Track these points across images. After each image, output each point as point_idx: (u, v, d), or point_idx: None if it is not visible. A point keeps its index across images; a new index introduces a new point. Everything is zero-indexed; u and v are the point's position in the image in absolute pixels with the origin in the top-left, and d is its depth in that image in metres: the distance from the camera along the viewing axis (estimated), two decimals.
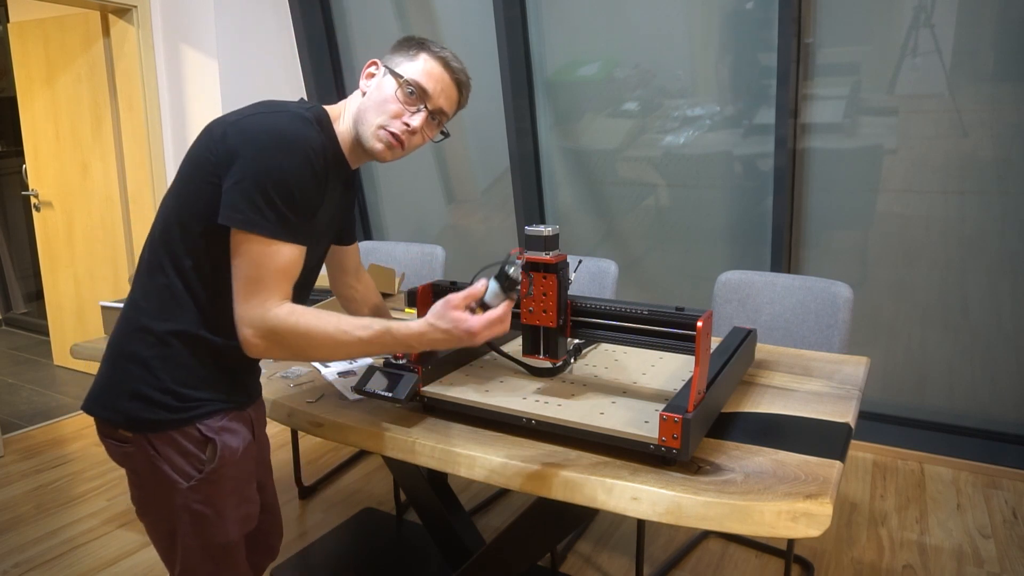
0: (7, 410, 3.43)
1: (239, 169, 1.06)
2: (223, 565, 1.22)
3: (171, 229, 1.13)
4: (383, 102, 1.20)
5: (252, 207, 1.06)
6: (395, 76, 1.20)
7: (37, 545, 2.29)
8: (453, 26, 3.44)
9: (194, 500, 1.16)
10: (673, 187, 3.08)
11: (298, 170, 1.08)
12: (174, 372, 1.13)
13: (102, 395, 1.16)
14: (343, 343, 1.10)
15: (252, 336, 1.09)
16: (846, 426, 1.28)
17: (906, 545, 2.22)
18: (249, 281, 1.08)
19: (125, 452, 1.16)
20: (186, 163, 1.14)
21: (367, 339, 1.10)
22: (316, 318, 1.09)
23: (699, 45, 2.90)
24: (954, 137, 2.55)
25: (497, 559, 1.60)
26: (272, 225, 1.07)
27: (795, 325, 2.05)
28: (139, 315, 1.15)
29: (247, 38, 3.43)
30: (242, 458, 1.20)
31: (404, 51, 1.22)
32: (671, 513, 1.06)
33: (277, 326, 1.08)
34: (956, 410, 2.80)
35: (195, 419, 1.14)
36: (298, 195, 1.09)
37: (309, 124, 1.12)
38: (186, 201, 1.12)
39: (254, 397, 1.29)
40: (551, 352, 1.35)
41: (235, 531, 1.21)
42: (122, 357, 1.15)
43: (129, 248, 3.57)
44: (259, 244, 1.07)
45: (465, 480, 2.56)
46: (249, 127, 1.09)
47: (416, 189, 3.81)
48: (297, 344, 1.10)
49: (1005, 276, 2.60)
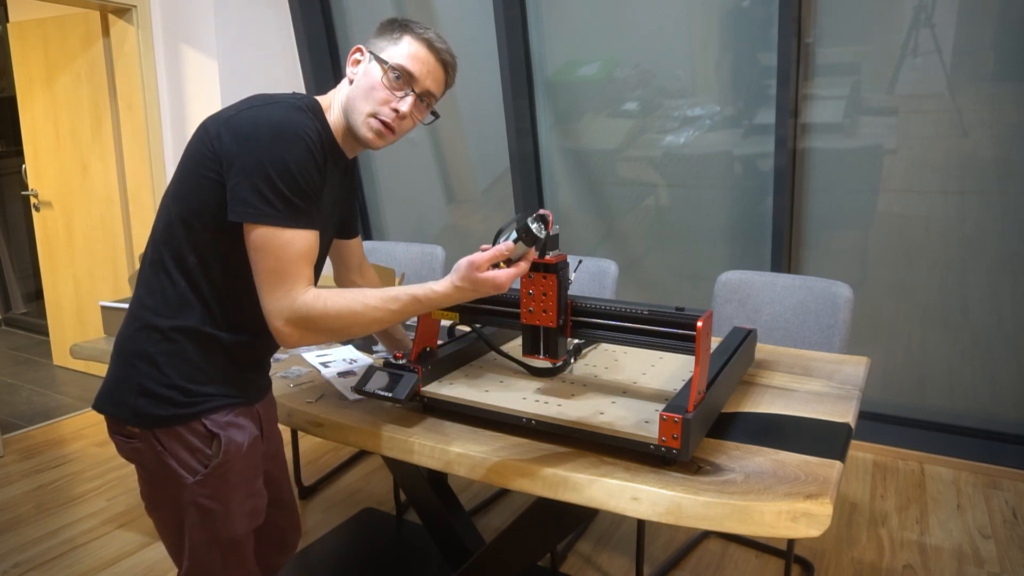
0: (7, 410, 3.43)
1: (241, 165, 1.07)
2: (230, 559, 1.22)
3: (173, 227, 1.14)
4: (370, 89, 1.19)
5: (261, 200, 1.06)
6: (380, 62, 1.19)
7: (37, 545, 2.29)
8: (453, 26, 3.44)
9: (200, 495, 1.16)
10: (673, 187, 3.08)
11: (299, 157, 1.09)
12: (180, 368, 1.14)
13: (110, 392, 1.18)
14: (375, 317, 1.12)
15: (284, 326, 1.10)
16: (846, 426, 1.28)
17: (906, 545, 2.22)
18: (271, 273, 1.09)
19: (133, 448, 1.17)
20: (184, 161, 1.15)
21: (397, 310, 1.13)
22: (342, 297, 1.11)
23: (699, 45, 2.90)
24: (954, 137, 2.55)
25: (497, 559, 1.60)
26: (283, 214, 1.08)
27: (795, 325, 2.05)
28: (144, 313, 1.16)
29: (247, 38, 3.43)
30: (248, 453, 1.20)
31: (388, 35, 1.21)
32: (671, 513, 1.06)
33: (308, 313, 1.09)
34: (956, 410, 2.80)
35: (201, 414, 1.15)
36: (303, 182, 1.09)
37: (303, 112, 1.13)
38: (187, 199, 1.13)
39: (263, 393, 1.29)
40: (551, 352, 1.35)
41: (242, 526, 1.21)
42: (129, 354, 1.16)
43: (129, 248, 3.57)
44: (274, 235, 1.08)
45: (465, 480, 2.56)
46: (245, 122, 1.09)
47: (416, 189, 3.81)
48: (329, 327, 1.11)
49: (1005, 276, 2.60)
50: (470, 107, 3.49)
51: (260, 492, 1.25)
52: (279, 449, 1.40)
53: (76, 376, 3.90)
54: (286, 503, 1.44)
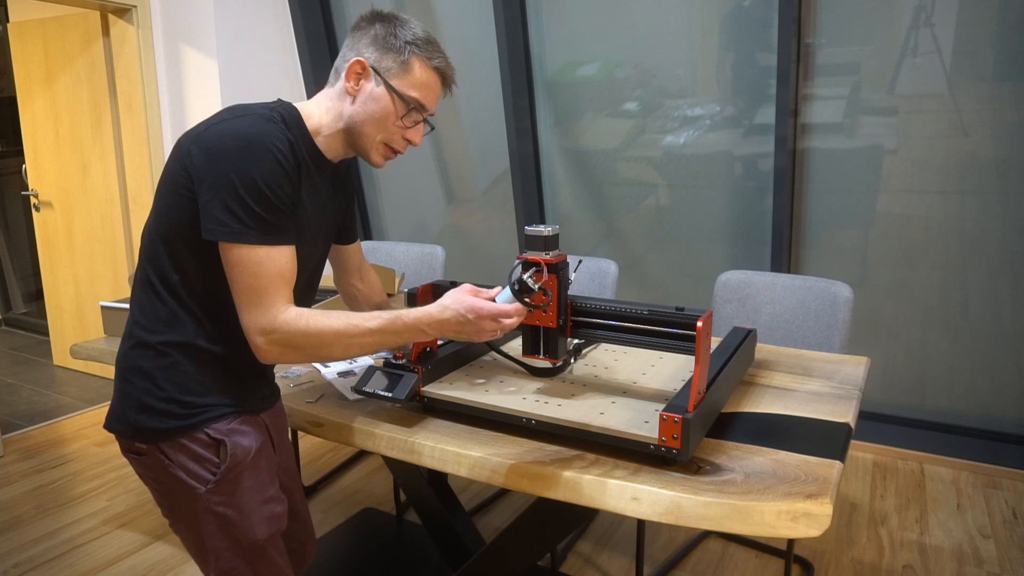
0: (7, 410, 3.43)
1: (210, 182, 1.06)
2: (258, 565, 1.22)
3: (155, 246, 1.14)
4: (383, 119, 1.18)
5: (232, 217, 1.05)
6: (390, 90, 1.17)
7: (37, 545, 2.29)
8: (453, 26, 3.44)
9: (215, 503, 1.16)
10: (673, 187, 3.08)
11: (267, 170, 1.07)
12: (176, 381, 1.14)
13: (115, 410, 1.18)
14: (355, 337, 1.11)
15: (264, 344, 1.09)
16: (846, 426, 1.28)
17: (906, 545, 2.22)
18: (249, 291, 1.08)
19: (144, 464, 1.18)
20: (162, 180, 1.14)
21: (377, 328, 1.12)
22: (324, 317, 1.10)
23: (699, 45, 2.90)
24: (954, 137, 2.55)
25: (497, 559, 1.60)
26: (256, 232, 1.07)
27: (795, 325, 2.05)
28: (137, 331, 1.16)
29: (247, 38, 3.43)
30: (256, 458, 1.19)
31: (392, 53, 1.18)
32: (671, 513, 1.06)
33: (288, 332, 1.09)
34: (956, 410, 2.80)
35: (202, 424, 1.15)
36: (272, 196, 1.08)
37: (272, 123, 1.11)
38: (165, 218, 1.12)
39: (268, 402, 1.28)
40: (551, 352, 1.35)
41: (262, 530, 1.20)
42: (127, 371, 1.17)
43: (129, 248, 3.57)
44: (248, 252, 1.07)
45: (465, 480, 2.56)
46: (211, 138, 1.08)
47: (416, 189, 3.81)
48: (310, 345, 1.11)
49: (1005, 276, 2.60)
50: (470, 107, 3.49)
51: (278, 497, 1.24)
52: (291, 462, 1.40)
53: (76, 376, 3.90)
54: (302, 516, 1.44)
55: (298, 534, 1.42)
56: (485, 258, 3.71)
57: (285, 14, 3.61)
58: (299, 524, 1.43)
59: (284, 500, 1.26)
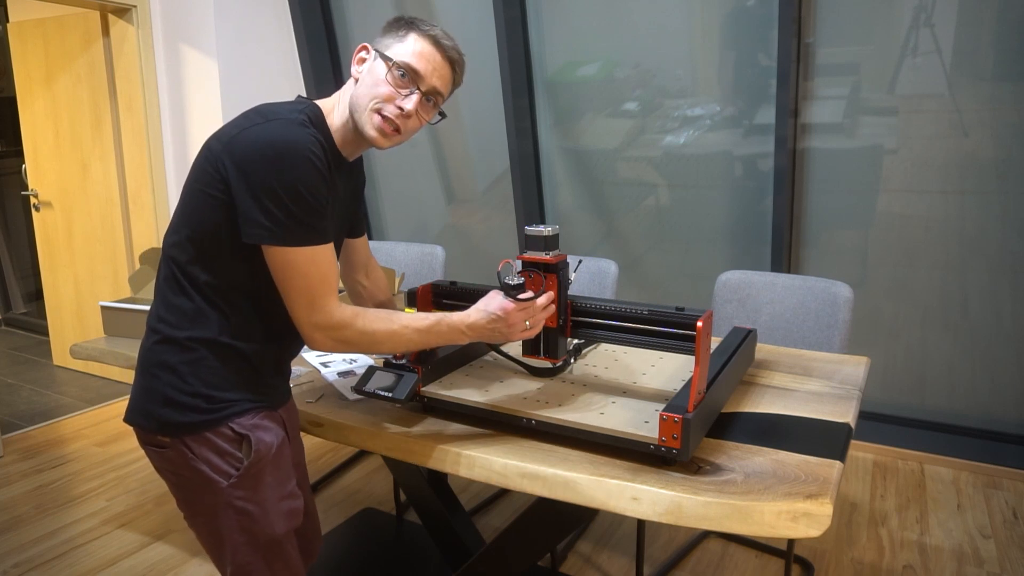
0: (7, 410, 3.43)
1: (249, 187, 1.08)
2: (274, 560, 1.23)
3: (183, 246, 1.15)
4: (374, 86, 1.18)
5: (274, 221, 1.08)
6: (385, 59, 1.18)
7: (37, 545, 2.29)
8: (453, 26, 3.43)
9: (236, 497, 1.17)
10: (673, 187, 3.08)
11: (306, 177, 1.09)
12: (202, 376, 1.15)
13: (137, 404, 1.19)
14: (403, 336, 1.19)
15: (322, 338, 1.15)
16: (846, 426, 1.28)
17: (906, 545, 2.22)
18: (301, 292, 1.12)
19: (165, 457, 1.18)
20: (189, 180, 1.15)
21: (424, 329, 1.20)
22: (377, 318, 1.17)
23: (699, 45, 2.90)
24: (954, 137, 2.55)
25: (497, 559, 1.60)
26: (298, 234, 1.10)
27: (795, 325, 2.05)
28: (162, 327, 1.17)
29: (247, 38, 3.43)
30: (278, 453, 1.21)
31: (393, 32, 1.20)
32: (671, 513, 1.06)
33: (345, 330, 1.15)
34: (956, 410, 2.80)
35: (227, 419, 1.16)
36: (312, 199, 1.10)
37: (303, 126, 1.13)
38: (195, 219, 1.14)
39: (285, 398, 1.30)
40: (551, 352, 1.35)
41: (281, 525, 1.22)
42: (151, 366, 1.18)
43: (129, 248, 3.57)
44: (296, 255, 1.10)
45: (465, 480, 2.56)
46: (246, 142, 1.09)
47: (416, 189, 3.81)
48: (365, 343, 1.18)
49: (1005, 276, 2.60)
50: (470, 107, 3.49)
51: (295, 493, 1.26)
52: (302, 458, 1.41)
53: (76, 376, 3.90)
54: (310, 512, 1.45)
55: (306, 530, 1.43)
56: (485, 258, 3.71)
57: (285, 14, 3.61)
58: (308, 520, 1.44)
59: (301, 496, 1.27)
